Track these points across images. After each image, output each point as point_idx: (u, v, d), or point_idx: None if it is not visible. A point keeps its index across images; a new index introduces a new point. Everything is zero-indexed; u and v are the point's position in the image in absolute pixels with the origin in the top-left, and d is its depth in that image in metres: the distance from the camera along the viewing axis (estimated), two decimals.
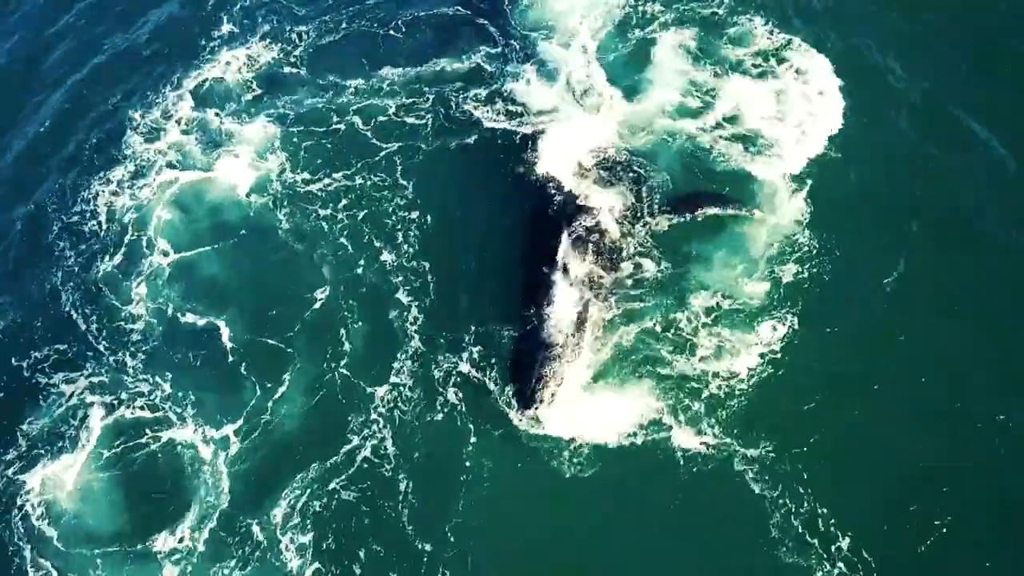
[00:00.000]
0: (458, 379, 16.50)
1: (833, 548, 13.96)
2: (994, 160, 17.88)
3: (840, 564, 13.83)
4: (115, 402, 17.23)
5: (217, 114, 21.54)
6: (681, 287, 16.86)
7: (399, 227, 18.86)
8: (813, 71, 19.60)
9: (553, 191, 18.19)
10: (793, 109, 19.01)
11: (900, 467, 14.58)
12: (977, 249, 16.79)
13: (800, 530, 14.15)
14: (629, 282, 17.04)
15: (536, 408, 15.63)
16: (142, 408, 17.10)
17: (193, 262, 19.14)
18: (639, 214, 17.86)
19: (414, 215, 19.00)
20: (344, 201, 19.47)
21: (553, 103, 19.91)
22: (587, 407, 15.65)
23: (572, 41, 21.21)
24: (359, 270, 18.38)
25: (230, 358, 17.57)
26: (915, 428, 14.88)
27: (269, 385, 17.06)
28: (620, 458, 15.11)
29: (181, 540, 15.51)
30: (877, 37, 20.29)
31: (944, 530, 13.89)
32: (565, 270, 16.83)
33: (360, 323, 17.62)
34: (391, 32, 22.60)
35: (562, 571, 14.66)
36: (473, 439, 15.80)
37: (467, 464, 15.56)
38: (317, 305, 17.99)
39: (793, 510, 14.31)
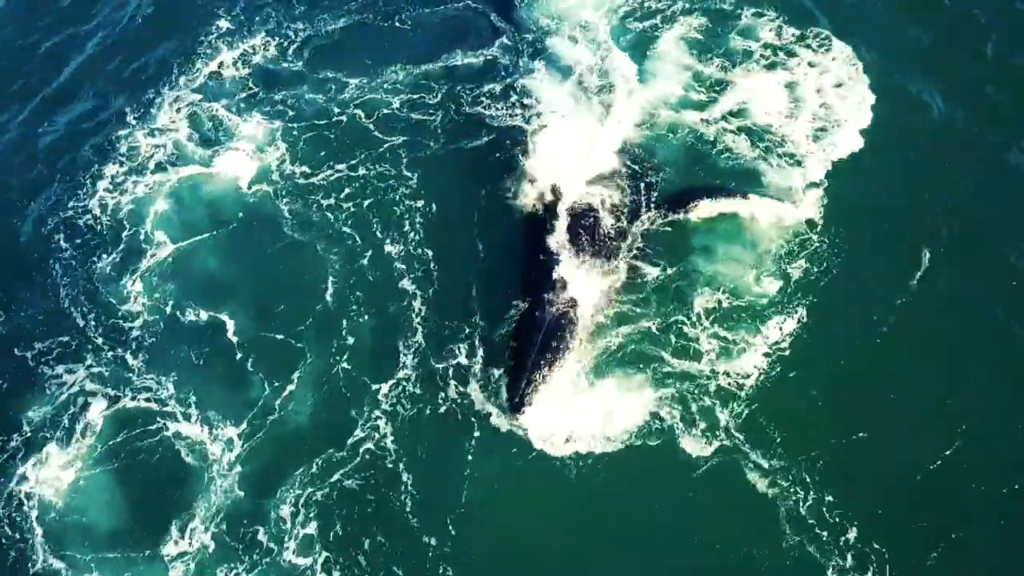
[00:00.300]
0: (461, 374, 16.40)
1: (842, 541, 13.94)
2: (1008, 164, 17.94)
3: (850, 556, 13.83)
4: (119, 397, 17.04)
5: (217, 109, 21.41)
6: (685, 285, 16.79)
7: (405, 217, 18.77)
8: (826, 65, 19.57)
9: (556, 187, 18.08)
10: (806, 103, 18.97)
11: (908, 466, 14.56)
12: (989, 253, 16.82)
13: (810, 521, 14.12)
14: (627, 283, 16.91)
15: (525, 411, 15.33)
16: (148, 401, 16.95)
17: (195, 257, 19.00)
18: (640, 211, 17.77)
19: (419, 205, 18.94)
20: (347, 191, 19.38)
21: (564, 98, 19.83)
22: (589, 407, 15.48)
23: (582, 34, 21.18)
24: (364, 261, 18.27)
25: (236, 353, 17.41)
26: (923, 427, 14.88)
27: (274, 380, 16.93)
28: (625, 454, 15.02)
29: (186, 534, 15.33)
30: (892, 35, 20.37)
31: (951, 528, 13.94)
32: (563, 269, 16.65)
33: (365, 317, 17.51)
34: (396, 25, 22.60)
35: (564, 564, 14.55)
36: (476, 433, 15.71)
37: (470, 458, 15.47)
38: (321, 299, 17.85)
39: (802, 503, 14.27)
